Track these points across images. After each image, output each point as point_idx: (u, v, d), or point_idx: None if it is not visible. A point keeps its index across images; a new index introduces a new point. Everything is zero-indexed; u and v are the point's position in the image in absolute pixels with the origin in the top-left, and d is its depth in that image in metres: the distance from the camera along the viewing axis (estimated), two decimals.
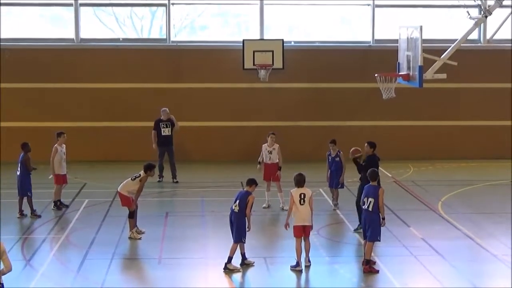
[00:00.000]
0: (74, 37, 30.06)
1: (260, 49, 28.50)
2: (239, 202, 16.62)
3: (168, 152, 26.06)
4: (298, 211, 16.50)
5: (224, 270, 16.53)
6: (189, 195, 24.36)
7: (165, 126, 26.06)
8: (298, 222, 16.56)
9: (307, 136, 29.96)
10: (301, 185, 16.64)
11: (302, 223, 16.55)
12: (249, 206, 16.62)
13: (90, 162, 28.86)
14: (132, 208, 18.96)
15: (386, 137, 29.94)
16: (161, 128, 26.03)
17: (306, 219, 16.56)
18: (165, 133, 26.03)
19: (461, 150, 30.17)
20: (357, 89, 30.08)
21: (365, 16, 30.74)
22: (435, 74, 22.28)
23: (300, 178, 16.69)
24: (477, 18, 23.03)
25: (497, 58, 30.25)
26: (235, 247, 16.67)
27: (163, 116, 26.08)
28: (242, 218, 16.61)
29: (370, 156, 19.30)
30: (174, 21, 30.52)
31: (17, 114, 29.53)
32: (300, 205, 16.48)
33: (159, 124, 26.04)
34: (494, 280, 16.43)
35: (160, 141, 26.03)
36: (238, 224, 16.61)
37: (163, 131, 26.03)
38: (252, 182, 16.92)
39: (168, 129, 26.07)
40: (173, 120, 26.11)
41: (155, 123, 26.09)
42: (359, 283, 16.16)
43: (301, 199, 16.49)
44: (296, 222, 16.60)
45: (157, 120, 26.09)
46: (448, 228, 20.13)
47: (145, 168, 19.06)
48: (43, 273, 16.44)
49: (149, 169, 19.08)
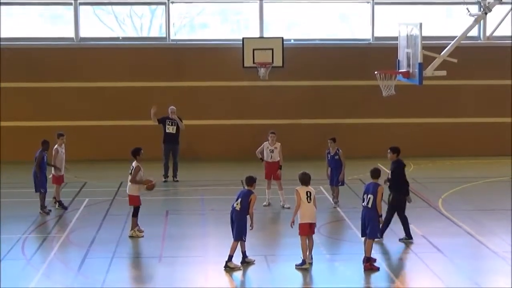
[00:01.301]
0: (74, 36, 30.05)
1: (260, 47, 28.46)
2: (241, 201, 16.62)
3: (173, 151, 26.05)
4: (306, 208, 16.51)
5: (224, 268, 16.52)
6: (189, 193, 24.36)
7: (171, 124, 26.04)
8: (305, 219, 16.55)
9: (307, 134, 29.95)
10: (306, 183, 16.67)
11: (309, 221, 16.56)
12: (252, 205, 16.64)
13: (91, 161, 28.87)
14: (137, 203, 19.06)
15: (385, 134, 29.96)
16: (166, 125, 26.03)
17: (313, 217, 16.58)
18: (169, 131, 26.02)
19: (462, 147, 30.17)
20: (357, 86, 30.07)
21: (364, 13, 30.73)
22: (435, 71, 22.24)
23: (305, 177, 16.71)
24: (477, 15, 23.00)
25: (497, 55, 30.24)
26: (236, 245, 16.65)
27: (170, 114, 26.08)
28: (243, 216, 16.61)
29: (395, 162, 18.66)
30: (173, 20, 30.51)
31: (17, 113, 29.51)
32: (307, 202, 16.51)
33: (165, 121, 26.05)
34: (494, 277, 16.41)
35: (165, 138, 26.05)
36: (239, 222, 16.61)
37: (167, 128, 26.02)
38: (252, 180, 16.92)
39: (173, 127, 26.06)
40: (177, 119, 26.03)
41: (161, 119, 26.08)
42: (359, 280, 16.16)
43: (308, 196, 16.53)
44: (303, 219, 16.58)
45: (164, 117, 26.10)
46: (449, 225, 20.13)
47: (133, 153, 19.17)
48: (44, 273, 16.43)
49: (137, 153, 19.18)
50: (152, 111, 25.77)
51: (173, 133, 26.08)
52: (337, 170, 21.79)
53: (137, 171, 19.04)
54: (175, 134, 26.10)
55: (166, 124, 26.04)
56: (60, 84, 29.73)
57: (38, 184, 21.36)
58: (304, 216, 16.56)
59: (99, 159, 29.31)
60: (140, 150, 19.29)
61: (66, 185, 23.27)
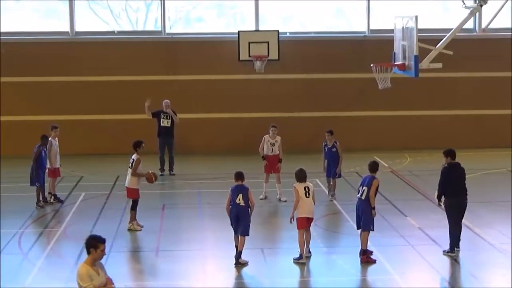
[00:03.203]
0: (69, 30, 30.00)
1: (255, 40, 28.43)
2: (242, 196, 16.49)
3: (168, 145, 26.01)
4: (304, 203, 16.57)
5: (235, 265, 16.39)
6: (186, 187, 24.36)
7: (165, 118, 25.99)
8: (303, 214, 16.60)
9: (303, 127, 29.94)
10: (303, 180, 16.72)
11: (307, 215, 16.61)
12: (253, 200, 16.64)
13: (87, 155, 28.83)
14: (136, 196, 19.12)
15: (382, 127, 30.03)
16: (160, 118, 25.97)
17: (311, 211, 16.66)
18: (164, 124, 25.96)
19: (458, 140, 30.08)
20: (352, 79, 30.06)
21: (360, 6, 30.71)
22: (431, 64, 22.25)
23: (302, 174, 16.76)
24: (472, 7, 23.01)
25: (493, 47, 30.26)
26: (244, 240, 16.50)
27: (165, 108, 26.03)
28: (247, 212, 16.54)
29: (452, 164, 17.31)
30: (169, 13, 30.46)
31: (12, 107, 29.45)
32: (305, 198, 16.57)
33: (160, 114, 25.99)
34: (491, 269, 16.45)
35: (160, 132, 26.01)
36: (247, 218, 16.48)
37: (162, 122, 25.96)
38: (243, 174, 16.81)
39: (168, 121, 25.99)
40: (171, 113, 25.99)
41: (156, 112, 26.01)
42: (356, 273, 16.17)
43: (306, 191, 16.61)
44: (301, 214, 16.61)
45: (158, 111, 26.04)
46: (445, 218, 19.94)
47: (134, 146, 19.20)
48: (41, 267, 16.43)
49: (138, 146, 19.21)
50: (146, 105, 25.72)
51: (167, 127, 26.02)
52: (334, 162, 21.79)
53: (138, 163, 19.04)
54: (169, 128, 26.05)
55: (161, 118, 25.98)
56: (55, 78, 29.67)
57: (34, 178, 21.34)
58: (302, 211, 16.59)
59: (96, 153, 29.28)
60: (141, 143, 19.30)
61: (62, 179, 23.23)
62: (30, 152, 21.70)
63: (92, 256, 10.59)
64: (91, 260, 10.59)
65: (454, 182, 17.00)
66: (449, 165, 17.20)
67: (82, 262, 10.66)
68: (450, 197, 17.00)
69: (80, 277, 10.42)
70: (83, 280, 10.40)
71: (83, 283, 10.37)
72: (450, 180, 16.98)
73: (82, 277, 10.41)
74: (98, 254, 10.62)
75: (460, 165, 17.22)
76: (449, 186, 16.95)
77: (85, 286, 10.30)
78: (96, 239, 10.68)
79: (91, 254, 10.60)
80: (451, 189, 16.97)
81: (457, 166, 17.21)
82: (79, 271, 10.50)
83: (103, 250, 10.68)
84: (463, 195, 17.10)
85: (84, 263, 10.59)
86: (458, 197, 17.02)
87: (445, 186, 16.98)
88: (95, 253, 10.61)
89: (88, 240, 10.65)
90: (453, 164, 17.21)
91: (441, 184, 17.01)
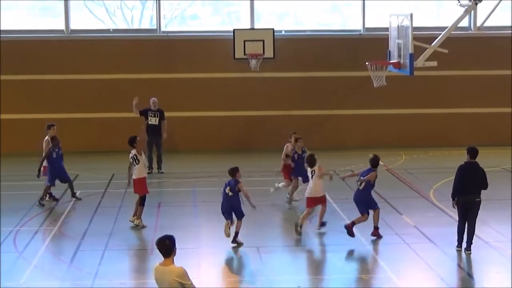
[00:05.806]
0: (64, 28, 29.98)
1: (250, 38, 28.45)
2: (230, 188, 17.30)
3: (156, 143, 25.94)
4: (310, 186, 18.33)
5: (232, 242, 17.34)
6: (181, 185, 24.35)
7: (153, 116, 25.89)
8: (310, 194, 18.35)
9: (299, 125, 29.83)
10: (313, 165, 18.36)
11: (313, 195, 18.23)
12: (244, 189, 17.30)
13: (82, 153, 28.77)
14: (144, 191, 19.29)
15: (377, 125, 30.05)
16: (148, 116, 25.86)
17: (318, 191, 18.26)
18: (152, 122, 25.80)
19: (453, 138, 30.21)
20: (348, 77, 30.08)
21: (355, 4, 30.73)
22: (426, 62, 22.29)
23: (311, 158, 18.54)
24: (467, 5, 23.04)
25: (488, 45, 30.31)
26: (240, 224, 17.45)
27: (152, 106, 25.96)
28: (237, 199, 17.38)
29: (467, 163, 17.16)
30: (164, 11, 30.46)
31: (7, 105, 29.41)
32: (311, 180, 18.29)
33: (147, 112, 25.89)
34: (486, 267, 16.49)
35: (148, 130, 25.90)
36: (237, 204, 17.42)
37: (149, 120, 25.82)
38: (236, 170, 17.53)
39: (156, 119, 25.87)
40: (161, 112, 25.94)
41: (143, 110, 25.89)
42: (352, 271, 16.21)
43: (312, 175, 18.31)
44: (308, 194, 18.38)
45: (146, 109, 25.95)
46: (440, 215, 20.18)
47: (130, 142, 19.27)
48: (36, 265, 16.42)
49: (134, 141, 19.27)
50: (134, 102, 25.60)
51: (155, 125, 25.89)
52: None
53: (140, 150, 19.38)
54: (157, 126, 25.90)
55: (148, 116, 25.83)
56: (51, 77, 29.65)
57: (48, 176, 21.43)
58: (310, 192, 18.31)
59: (91, 151, 29.26)
60: (136, 138, 19.34)
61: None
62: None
63: (173, 255, 10.37)
64: (173, 259, 10.40)
65: (467, 181, 16.84)
66: (465, 163, 17.10)
67: (174, 265, 10.26)
68: (460, 195, 16.87)
69: (185, 277, 10.16)
70: (187, 279, 10.21)
71: (187, 281, 10.18)
72: (463, 179, 16.84)
73: (187, 277, 10.20)
74: (175, 252, 10.44)
75: (476, 164, 17.01)
76: (461, 185, 16.83)
77: (189, 284, 10.17)
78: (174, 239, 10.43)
79: (174, 253, 10.33)
80: (462, 188, 16.83)
81: (471, 165, 17.01)
82: (182, 272, 10.19)
83: None
84: (472, 194, 16.85)
85: (174, 264, 10.32)
86: (467, 196, 16.83)
87: (457, 184, 16.89)
88: (175, 252, 10.38)
89: (170, 240, 10.27)
90: (468, 163, 17.06)
91: (454, 182, 16.99)
